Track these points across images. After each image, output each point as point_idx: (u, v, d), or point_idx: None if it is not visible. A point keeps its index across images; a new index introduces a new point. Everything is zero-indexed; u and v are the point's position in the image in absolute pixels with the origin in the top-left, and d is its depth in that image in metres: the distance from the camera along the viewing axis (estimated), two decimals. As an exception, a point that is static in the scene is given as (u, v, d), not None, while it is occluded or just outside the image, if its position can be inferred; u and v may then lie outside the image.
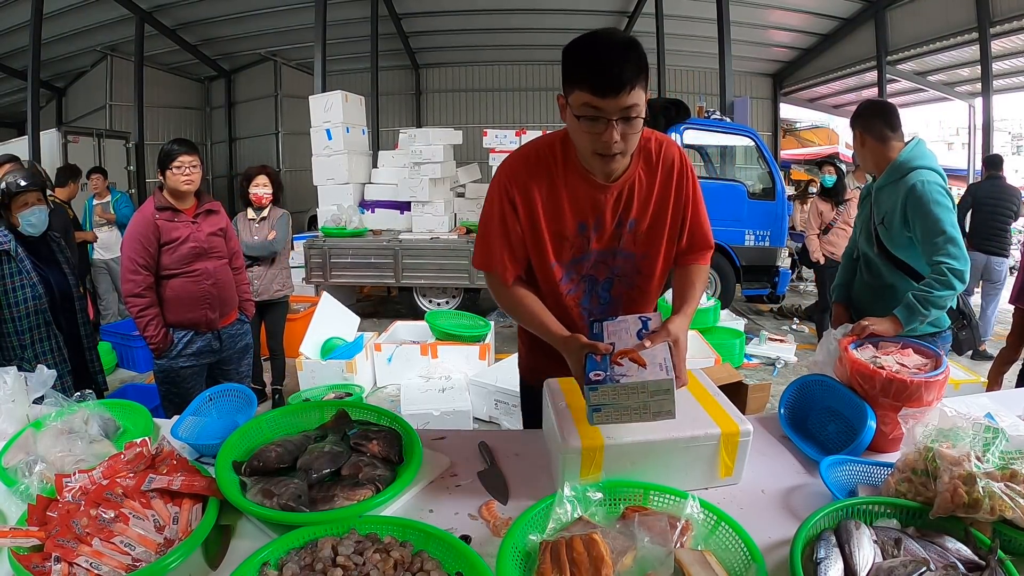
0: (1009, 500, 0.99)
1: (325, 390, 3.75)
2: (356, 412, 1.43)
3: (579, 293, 1.44)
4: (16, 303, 2.15)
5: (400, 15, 10.57)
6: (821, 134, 16.57)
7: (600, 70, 1.12)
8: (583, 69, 1.14)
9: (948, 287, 1.75)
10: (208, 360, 2.62)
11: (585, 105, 1.16)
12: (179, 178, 2.42)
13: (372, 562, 0.96)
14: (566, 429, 1.22)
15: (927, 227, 1.82)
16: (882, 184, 1.96)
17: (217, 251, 2.59)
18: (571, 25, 10.93)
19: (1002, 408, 1.53)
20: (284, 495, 1.10)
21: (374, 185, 6.81)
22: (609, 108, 1.14)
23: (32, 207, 2.23)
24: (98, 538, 1.00)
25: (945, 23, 8.89)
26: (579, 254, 1.39)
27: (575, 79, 1.16)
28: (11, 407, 1.47)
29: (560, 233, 1.35)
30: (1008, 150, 20.95)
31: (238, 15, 10.15)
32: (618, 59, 1.12)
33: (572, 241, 1.37)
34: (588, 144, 1.21)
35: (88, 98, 11.14)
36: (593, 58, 1.13)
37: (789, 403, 1.58)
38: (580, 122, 1.18)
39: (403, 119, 12.70)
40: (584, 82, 1.14)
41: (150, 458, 1.22)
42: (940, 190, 1.86)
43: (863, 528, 1.00)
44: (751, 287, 6.54)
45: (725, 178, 6.71)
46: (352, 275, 6.18)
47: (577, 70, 1.15)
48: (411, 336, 4.54)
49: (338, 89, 6.59)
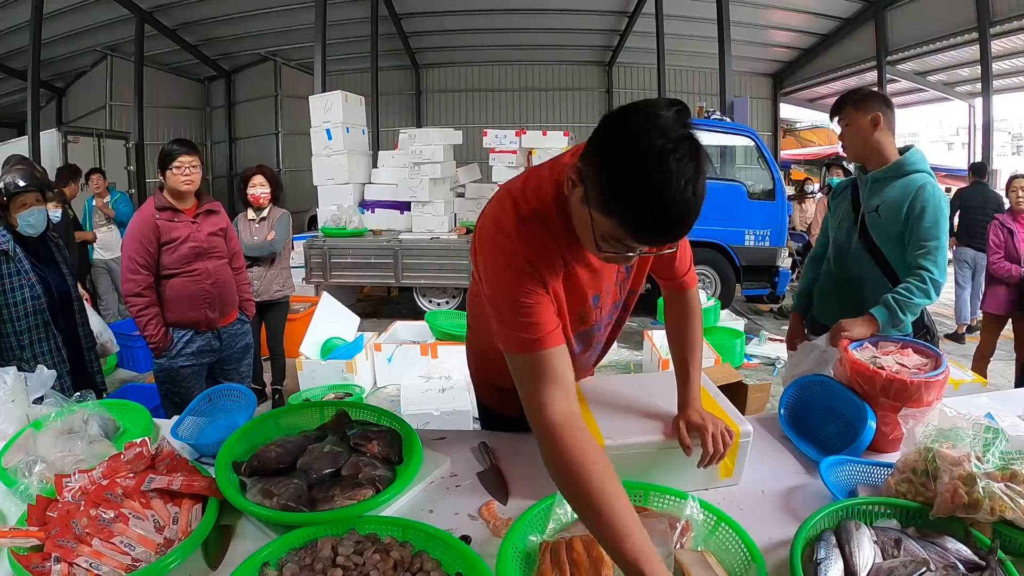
0: (1009, 500, 0.99)
1: (325, 390, 3.75)
2: (356, 412, 1.43)
3: (581, 353, 1.35)
4: (15, 303, 2.15)
5: (400, 15, 10.56)
6: (821, 134, 16.55)
7: (660, 222, 0.85)
8: (636, 210, 0.84)
9: (926, 295, 1.76)
10: (208, 360, 2.62)
11: (616, 240, 0.90)
12: (179, 178, 2.42)
13: (372, 562, 0.96)
14: None
15: (925, 228, 1.82)
16: (881, 176, 1.95)
17: (217, 251, 2.59)
18: (571, 25, 10.96)
19: (1002, 408, 1.53)
20: (284, 495, 1.10)
21: (374, 185, 6.81)
22: (640, 250, 0.92)
23: (31, 208, 2.22)
24: (98, 538, 1.00)
25: (945, 23, 8.89)
26: (590, 327, 1.26)
27: (615, 208, 0.85)
28: (11, 407, 1.47)
29: (577, 310, 1.19)
30: (1008, 150, 20.95)
31: (238, 15, 10.15)
32: (687, 203, 0.83)
33: (584, 316, 1.22)
34: (595, 252, 0.98)
35: (88, 98, 11.14)
36: (657, 202, 0.82)
37: (789, 403, 1.58)
38: (600, 245, 0.93)
39: (403, 119, 12.69)
40: (631, 224, 0.86)
41: (150, 458, 1.22)
42: (946, 201, 1.89)
43: (863, 528, 1.00)
44: (751, 287, 6.54)
45: (725, 178, 6.70)
46: (352, 275, 6.18)
47: (625, 204, 0.84)
48: (411, 336, 4.54)
49: (338, 89, 6.59)
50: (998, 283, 3.83)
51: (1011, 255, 3.79)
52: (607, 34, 11.50)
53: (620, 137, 0.85)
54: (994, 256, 3.81)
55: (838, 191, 2.19)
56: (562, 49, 12.03)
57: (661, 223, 0.84)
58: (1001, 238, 3.81)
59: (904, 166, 1.92)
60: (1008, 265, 3.76)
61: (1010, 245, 3.79)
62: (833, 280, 2.10)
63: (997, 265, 3.78)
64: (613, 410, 1.32)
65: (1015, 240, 3.79)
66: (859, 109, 1.92)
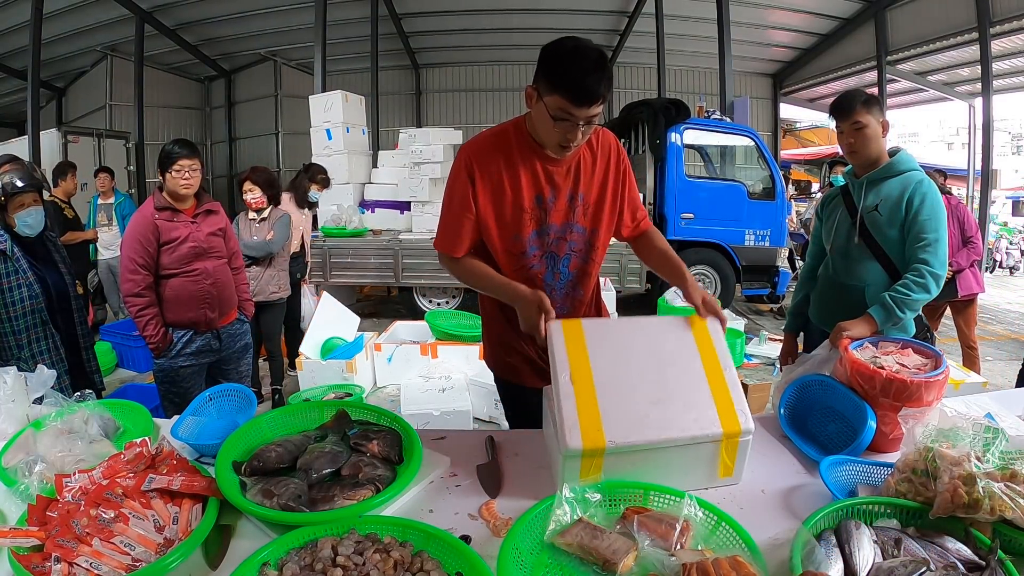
0: (1009, 500, 0.99)
1: (325, 390, 3.75)
2: (356, 412, 1.44)
3: (542, 269, 1.58)
4: (13, 303, 2.15)
5: (400, 15, 10.56)
6: (821, 134, 16.57)
7: (580, 85, 1.30)
8: (566, 80, 1.31)
9: (925, 289, 1.77)
10: (208, 360, 2.62)
11: (560, 109, 1.33)
12: (178, 181, 2.43)
13: (372, 562, 0.96)
14: (568, 429, 1.21)
15: (923, 221, 1.84)
16: (877, 176, 1.96)
17: (216, 251, 2.59)
18: (571, 25, 10.93)
19: (1002, 408, 1.53)
20: (284, 495, 1.10)
21: (374, 185, 6.81)
22: (580, 115, 1.33)
23: (29, 208, 2.21)
24: (98, 538, 1.00)
25: (945, 23, 8.89)
26: (539, 226, 1.54)
27: (555, 85, 1.32)
28: (11, 407, 1.47)
29: (520, 205, 1.51)
30: (1008, 150, 20.96)
31: (238, 15, 10.14)
32: (596, 76, 1.30)
33: (532, 213, 1.52)
34: (554, 138, 1.40)
35: (88, 98, 11.14)
36: (576, 72, 1.30)
37: (789, 403, 1.58)
38: (553, 122, 1.35)
39: (403, 119, 12.69)
40: (565, 91, 1.31)
41: (150, 458, 1.22)
42: (941, 197, 1.90)
43: (863, 528, 1.00)
44: (751, 287, 6.54)
45: (725, 178, 6.71)
46: (352, 275, 6.18)
47: (559, 79, 1.32)
48: (411, 336, 4.54)
49: (338, 89, 6.59)
50: None
51: None
52: (607, 34, 11.50)
53: (550, 49, 1.35)
54: None
55: (827, 200, 2.20)
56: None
57: (583, 86, 1.30)
58: None
59: (898, 165, 1.94)
60: None
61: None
62: (834, 285, 2.10)
63: None
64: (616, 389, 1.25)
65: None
66: (870, 112, 1.91)
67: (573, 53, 1.31)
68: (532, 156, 1.49)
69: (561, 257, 1.58)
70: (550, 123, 1.36)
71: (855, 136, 1.93)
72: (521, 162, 1.49)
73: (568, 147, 1.41)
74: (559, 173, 1.51)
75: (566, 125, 1.35)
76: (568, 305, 1.65)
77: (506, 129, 1.52)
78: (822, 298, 2.18)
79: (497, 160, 1.48)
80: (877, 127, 1.92)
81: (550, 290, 1.58)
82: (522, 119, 1.50)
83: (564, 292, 1.63)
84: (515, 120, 1.52)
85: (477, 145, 1.51)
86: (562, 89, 1.31)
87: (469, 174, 1.49)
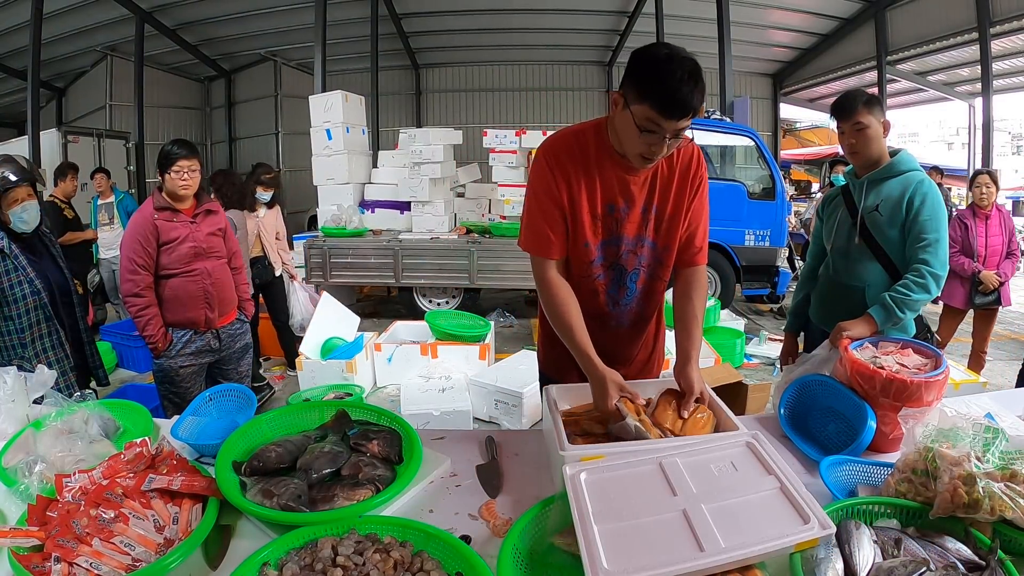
0: (1009, 500, 0.99)
1: (325, 390, 3.75)
2: (356, 412, 1.43)
3: (607, 280, 1.53)
4: (14, 301, 2.13)
5: (400, 15, 10.56)
6: (821, 134, 16.56)
7: (673, 95, 1.22)
8: (657, 89, 1.23)
9: (925, 289, 1.77)
10: (207, 359, 2.62)
11: (649, 120, 1.25)
12: (177, 182, 2.43)
13: (372, 562, 0.96)
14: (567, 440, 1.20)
15: (923, 221, 1.84)
16: (878, 177, 1.95)
17: (216, 251, 2.59)
18: (571, 25, 10.96)
19: (1002, 408, 1.53)
20: (284, 495, 1.10)
21: (374, 185, 6.80)
22: (669, 128, 1.26)
23: (23, 203, 2.16)
24: (98, 538, 1.00)
25: (945, 23, 8.89)
26: (609, 236, 1.48)
27: (646, 94, 1.24)
28: (11, 407, 1.47)
29: (594, 211, 1.45)
30: (1008, 150, 20.96)
31: (238, 15, 10.14)
32: (690, 87, 1.22)
33: (603, 221, 1.46)
34: (638, 148, 1.32)
35: (88, 98, 11.13)
36: (670, 81, 1.22)
37: (789, 403, 1.58)
38: (639, 132, 1.28)
39: (403, 119, 12.69)
40: (655, 101, 1.23)
41: (150, 458, 1.22)
42: (942, 197, 1.90)
43: (863, 528, 1.00)
44: (751, 287, 6.54)
45: (725, 178, 6.70)
46: (352, 275, 6.18)
47: (650, 88, 1.24)
48: (411, 336, 4.54)
49: (338, 89, 6.58)
50: (953, 276, 3.93)
51: (966, 250, 3.93)
52: (607, 34, 11.50)
53: (642, 55, 1.27)
54: (951, 251, 3.87)
55: (828, 200, 2.20)
56: (562, 49, 12.02)
57: (675, 98, 1.23)
58: (958, 233, 3.94)
59: (898, 165, 1.93)
60: (962, 259, 3.90)
61: (966, 240, 3.94)
62: (834, 285, 2.10)
63: (952, 260, 3.84)
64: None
65: (970, 235, 3.94)
66: (871, 112, 1.90)
67: (667, 61, 1.23)
68: (609, 163, 1.41)
69: (629, 271, 1.53)
70: (635, 133, 1.28)
71: (856, 137, 1.92)
72: (597, 167, 1.42)
73: (651, 159, 1.33)
74: (635, 183, 1.44)
75: (653, 137, 1.27)
76: (630, 331, 1.61)
77: (585, 130, 1.44)
78: (822, 298, 2.18)
79: (574, 160, 1.42)
80: (878, 127, 1.91)
81: (613, 303, 1.55)
82: (603, 122, 1.43)
83: (629, 309, 1.58)
84: (596, 122, 1.45)
85: (556, 143, 1.45)
86: (652, 99, 1.23)
87: (551, 170, 1.42)
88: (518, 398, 3.53)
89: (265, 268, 4.31)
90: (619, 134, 1.35)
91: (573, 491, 1.03)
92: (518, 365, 3.90)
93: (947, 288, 4.01)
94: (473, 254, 5.85)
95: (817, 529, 0.94)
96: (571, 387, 1.45)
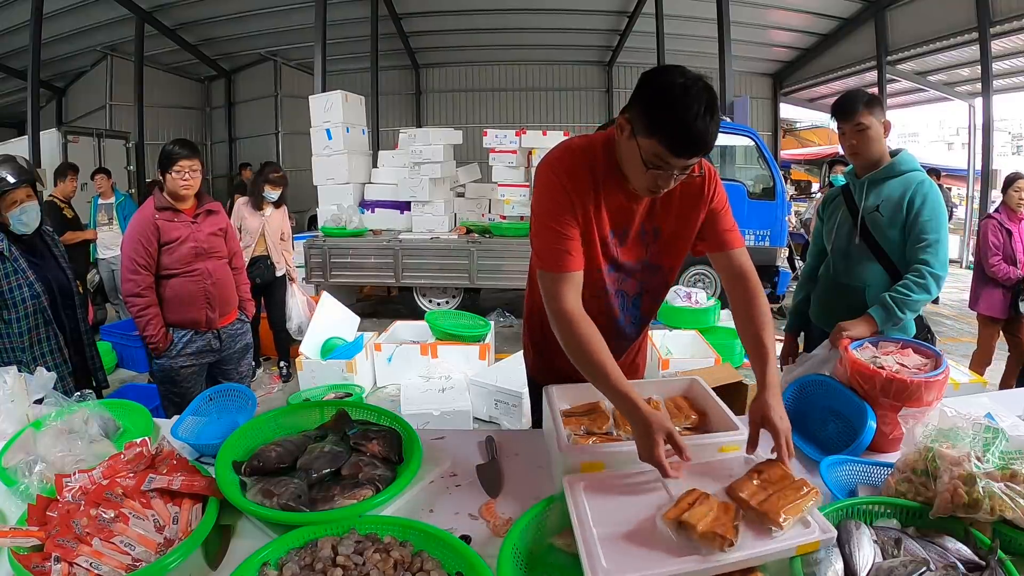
0: (1009, 500, 0.99)
1: (325, 390, 3.75)
2: (356, 412, 1.44)
3: (612, 306, 1.45)
4: (14, 304, 2.10)
5: (400, 15, 10.55)
6: (821, 134, 16.56)
7: (686, 134, 1.12)
8: (670, 127, 1.12)
9: (925, 290, 1.77)
10: (208, 360, 2.62)
11: (657, 156, 1.15)
12: (178, 182, 2.43)
13: (372, 562, 0.96)
14: (565, 443, 1.21)
15: (924, 222, 1.84)
16: (878, 177, 1.95)
17: (217, 251, 2.59)
18: (571, 25, 10.95)
19: (1002, 408, 1.53)
20: (284, 495, 1.10)
21: (374, 185, 6.80)
22: (678, 165, 1.17)
23: (23, 204, 2.12)
24: (98, 538, 1.00)
25: (945, 23, 8.88)
26: (611, 261, 1.40)
27: (656, 129, 1.13)
28: (11, 407, 1.47)
29: (603, 237, 1.36)
30: (1008, 150, 20.95)
31: (238, 15, 10.13)
32: (704, 122, 1.11)
33: (610, 246, 1.38)
34: (644, 182, 1.22)
35: (88, 98, 11.13)
36: (684, 117, 1.10)
37: (789, 403, 1.57)
38: (646, 167, 1.18)
39: (403, 119, 12.68)
40: (666, 138, 1.13)
41: (150, 458, 1.22)
42: (942, 198, 1.90)
43: (863, 528, 1.00)
44: (751, 287, 6.53)
45: (725, 178, 6.68)
46: (352, 275, 6.18)
47: (662, 124, 1.12)
48: (411, 336, 4.54)
49: (338, 89, 6.58)
50: (993, 285, 3.77)
51: (1008, 256, 3.73)
52: (607, 34, 11.49)
53: (654, 82, 1.16)
54: (993, 258, 3.75)
55: (828, 200, 2.20)
56: (562, 49, 12.02)
57: (688, 136, 1.12)
58: (1000, 239, 3.74)
59: (899, 166, 1.93)
60: (1007, 268, 3.70)
61: (1008, 247, 3.73)
62: (835, 285, 2.10)
63: (997, 267, 3.72)
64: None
65: (1012, 241, 3.73)
66: (872, 113, 1.90)
67: (683, 93, 1.10)
68: (615, 186, 1.30)
69: (631, 296, 1.47)
70: (641, 167, 1.18)
71: (857, 137, 1.92)
72: (604, 189, 1.31)
73: (657, 192, 1.24)
74: (638, 211, 1.36)
75: (660, 173, 1.18)
76: (623, 343, 1.54)
77: (594, 145, 1.32)
78: (822, 298, 2.18)
79: (585, 179, 1.30)
80: (879, 128, 1.91)
81: (617, 335, 1.48)
82: (611, 138, 1.29)
83: (631, 329, 1.51)
84: (604, 137, 1.32)
85: (565, 159, 1.32)
86: (663, 135, 1.12)
87: (562, 184, 1.29)
88: (518, 398, 3.53)
89: (267, 268, 4.31)
90: (624, 162, 1.25)
91: (572, 500, 1.04)
92: (518, 365, 3.88)
93: (985, 298, 3.83)
94: (473, 254, 5.85)
95: (818, 533, 0.95)
96: (571, 387, 1.44)
